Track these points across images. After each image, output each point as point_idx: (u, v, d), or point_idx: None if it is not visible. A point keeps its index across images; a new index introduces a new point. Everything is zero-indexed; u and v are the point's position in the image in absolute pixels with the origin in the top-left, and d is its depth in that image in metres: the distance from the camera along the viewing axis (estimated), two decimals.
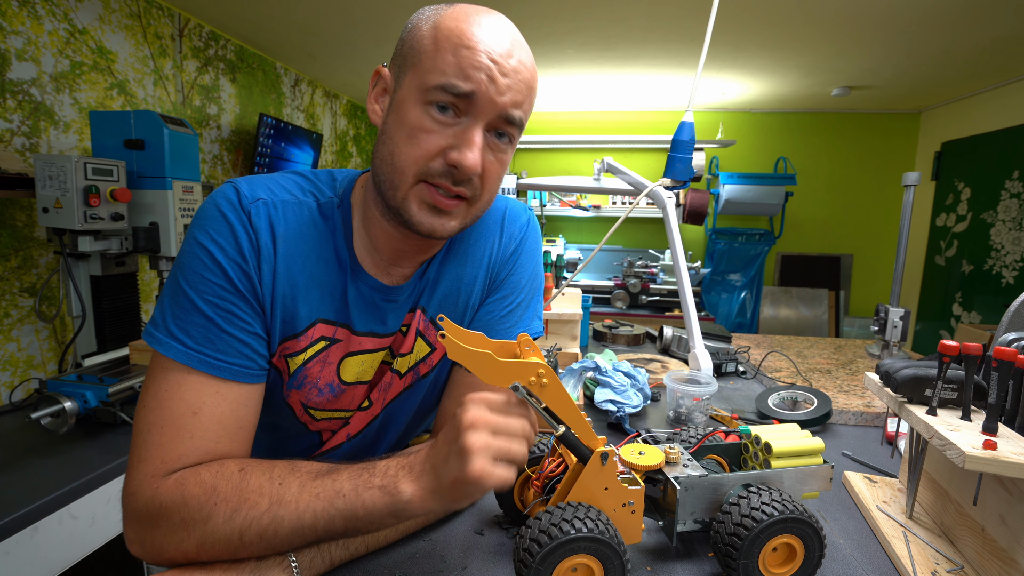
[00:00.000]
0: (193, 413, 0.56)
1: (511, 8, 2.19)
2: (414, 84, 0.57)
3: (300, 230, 0.63)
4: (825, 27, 2.31)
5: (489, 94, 0.56)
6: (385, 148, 0.60)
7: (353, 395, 0.71)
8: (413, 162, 0.58)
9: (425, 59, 0.57)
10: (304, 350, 0.65)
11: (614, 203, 4.00)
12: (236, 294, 0.59)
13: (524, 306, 0.76)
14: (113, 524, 1.24)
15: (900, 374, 0.72)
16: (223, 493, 0.52)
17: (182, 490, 0.52)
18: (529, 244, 0.78)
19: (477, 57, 0.55)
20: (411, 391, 0.74)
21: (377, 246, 0.67)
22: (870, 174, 3.98)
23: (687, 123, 1.34)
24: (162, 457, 0.54)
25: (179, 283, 0.58)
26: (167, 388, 0.56)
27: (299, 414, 0.70)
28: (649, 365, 1.47)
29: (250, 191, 0.62)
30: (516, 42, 0.59)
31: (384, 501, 0.51)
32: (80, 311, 1.54)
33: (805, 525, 0.59)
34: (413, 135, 0.57)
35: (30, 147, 1.66)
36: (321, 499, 0.51)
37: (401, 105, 0.59)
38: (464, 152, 0.57)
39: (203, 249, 0.58)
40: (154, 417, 0.55)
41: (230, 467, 0.54)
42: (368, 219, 0.66)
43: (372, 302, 0.68)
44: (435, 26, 0.57)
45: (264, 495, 0.52)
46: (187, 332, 0.57)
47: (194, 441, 0.55)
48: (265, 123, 2.69)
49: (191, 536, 0.52)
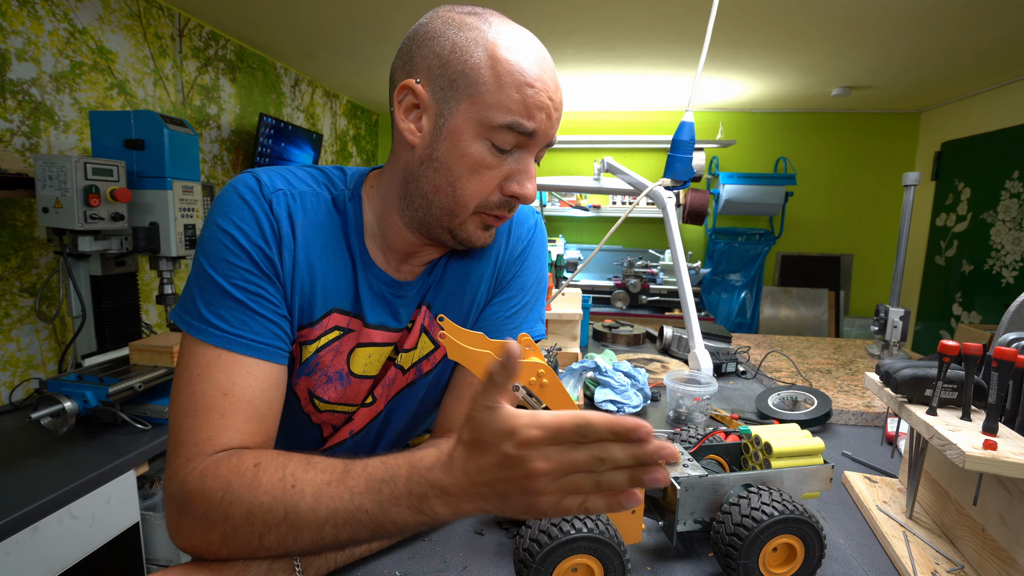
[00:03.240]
0: (224, 394, 0.56)
1: (511, 8, 2.19)
2: (473, 116, 0.58)
3: (317, 220, 0.65)
4: (825, 27, 2.31)
5: (546, 130, 0.60)
6: (441, 177, 0.60)
7: (358, 389, 0.72)
8: (475, 195, 0.61)
9: (486, 93, 0.57)
10: (318, 338, 0.67)
11: (614, 203, 4.00)
12: (263, 277, 0.61)
13: (529, 308, 0.76)
14: (113, 524, 1.24)
15: (900, 374, 0.72)
16: (237, 491, 0.51)
17: (203, 483, 0.52)
18: (536, 246, 0.79)
19: (540, 98, 0.58)
20: (413, 388, 0.75)
21: (392, 247, 0.68)
22: (870, 174, 3.98)
23: (687, 123, 1.34)
24: (194, 441, 0.55)
25: (205, 270, 0.59)
26: (199, 373, 0.57)
27: (304, 403, 0.70)
28: (649, 365, 1.47)
29: (269, 181, 0.63)
30: (554, 69, 0.62)
31: (416, 519, 0.48)
32: (80, 311, 1.54)
33: (805, 525, 0.59)
34: (476, 171, 0.59)
35: (30, 147, 1.66)
36: (340, 514, 0.49)
37: (458, 136, 0.58)
38: (525, 184, 0.61)
39: (227, 235, 0.59)
40: (187, 403, 0.56)
41: (246, 461, 0.53)
42: (386, 223, 0.67)
43: (382, 295, 0.69)
44: (492, 56, 0.56)
45: (278, 500, 0.50)
46: (221, 316, 0.58)
47: (223, 421, 0.56)
48: (265, 123, 2.69)
49: (214, 530, 0.52)
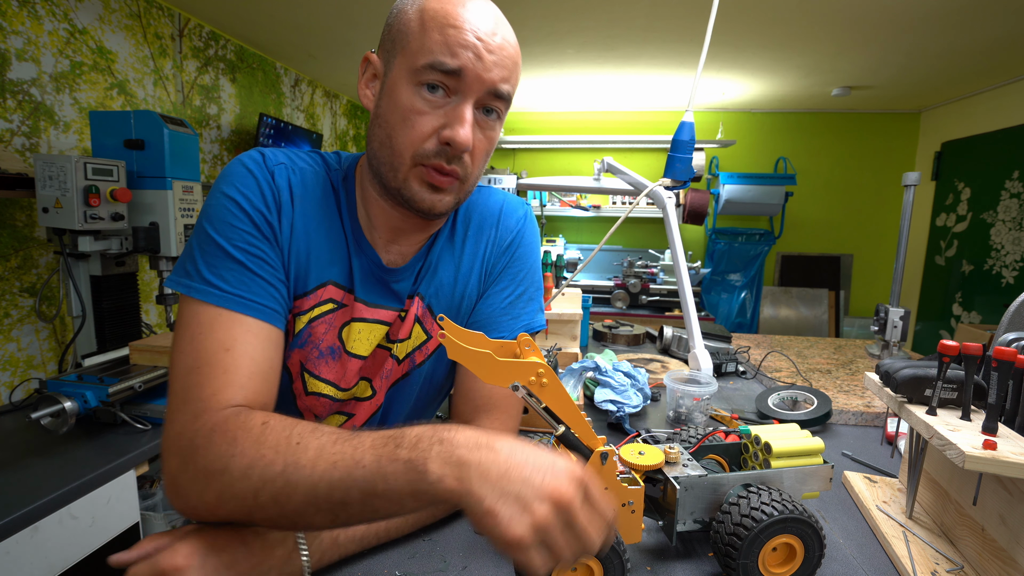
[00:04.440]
0: (226, 350, 0.57)
1: (511, 8, 2.19)
2: (404, 66, 0.60)
3: (316, 195, 0.68)
4: (825, 27, 2.31)
5: (477, 70, 0.59)
6: (381, 131, 0.63)
7: (347, 368, 0.72)
8: (409, 144, 0.61)
9: (412, 40, 0.59)
10: (311, 309, 0.68)
11: (614, 203, 4.00)
12: (263, 240, 0.62)
13: (526, 298, 0.76)
14: (113, 524, 1.24)
15: (900, 374, 0.72)
16: (241, 445, 0.50)
17: (211, 436, 0.52)
18: (527, 238, 0.79)
19: (463, 35, 0.58)
20: (408, 379, 0.75)
21: (375, 224, 0.70)
22: (870, 174, 3.98)
23: (687, 123, 1.34)
24: (200, 396, 0.55)
25: (208, 233, 0.61)
26: (200, 331, 0.57)
27: (294, 377, 0.71)
28: (649, 365, 1.47)
29: (273, 156, 0.66)
30: (500, 21, 0.62)
31: (407, 477, 0.46)
32: (80, 311, 1.54)
33: (805, 525, 0.59)
34: (407, 117, 0.60)
35: (30, 147, 1.66)
36: (339, 468, 0.47)
37: (393, 88, 0.61)
38: (456, 129, 0.59)
39: (230, 200, 0.62)
40: (190, 360, 0.57)
41: (255, 419, 0.53)
42: (366, 199, 0.70)
43: (374, 275, 0.71)
44: (421, 8, 0.60)
45: (280, 455, 0.49)
46: (221, 277, 0.59)
47: (227, 376, 0.56)
48: (265, 123, 2.69)
49: (211, 486, 0.51)
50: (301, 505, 0.49)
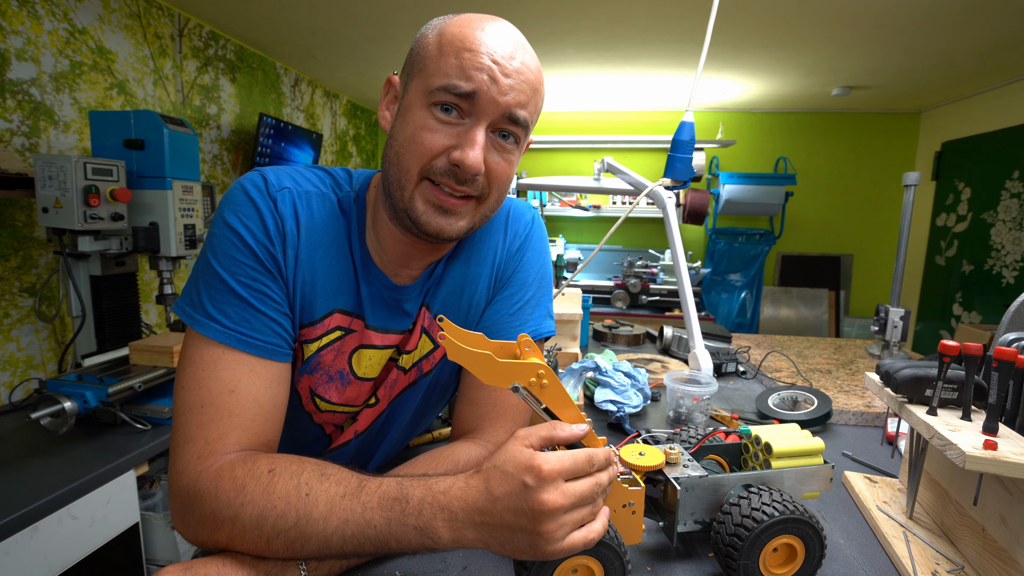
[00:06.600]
0: (230, 391, 0.57)
1: (511, 9, 2.19)
2: (419, 88, 0.59)
3: (322, 220, 0.66)
4: (825, 27, 2.31)
5: (491, 94, 0.57)
6: (392, 150, 0.62)
7: (359, 390, 0.72)
8: (416, 160, 0.59)
9: (430, 63, 0.59)
10: (319, 338, 0.67)
11: (614, 203, 4.00)
12: (267, 275, 0.61)
13: (533, 303, 0.76)
14: (113, 524, 1.24)
15: (900, 374, 0.71)
16: (251, 494, 0.52)
17: (217, 482, 0.53)
18: (535, 241, 0.78)
19: (479, 59, 0.57)
20: (414, 388, 0.75)
21: (385, 248, 0.68)
22: (870, 174, 3.98)
23: (687, 123, 1.34)
24: (205, 437, 0.56)
25: (211, 265, 0.60)
26: (204, 368, 0.57)
27: (305, 402, 0.71)
28: (649, 365, 1.47)
29: (276, 179, 0.64)
30: (519, 45, 0.60)
31: (420, 541, 0.50)
32: (80, 311, 1.54)
33: (805, 525, 0.59)
34: (417, 134, 0.59)
35: (30, 147, 1.66)
36: (350, 526, 0.50)
37: (408, 109, 0.61)
38: (466, 151, 0.58)
39: (233, 232, 0.60)
40: (193, 397, 0.57)
41: (261, 466, 0.54)
42: (377, 221, 0.68)
43: (383, 299, 0.69)
44: (440, 33, 0.60)
45: (291, 506, 0.51)
46: (223, 312, 0.59)
47: (232, 419, 0.57)
48: (265, 123, 2.69)
49: (221, 530, 0.52)
50: (315, 551, 0.51)
